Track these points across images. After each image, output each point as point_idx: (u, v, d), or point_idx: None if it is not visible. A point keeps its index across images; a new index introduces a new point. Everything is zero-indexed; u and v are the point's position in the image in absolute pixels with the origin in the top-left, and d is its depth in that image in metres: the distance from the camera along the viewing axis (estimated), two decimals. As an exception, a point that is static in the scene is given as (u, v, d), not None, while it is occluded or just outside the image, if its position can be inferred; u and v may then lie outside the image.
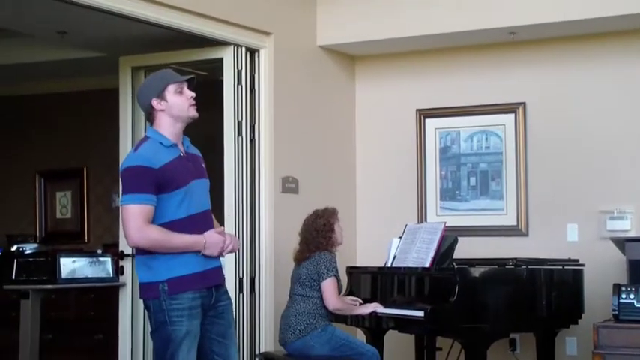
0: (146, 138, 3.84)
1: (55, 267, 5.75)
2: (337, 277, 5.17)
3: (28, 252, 6.73)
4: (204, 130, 4.50)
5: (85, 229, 7.98)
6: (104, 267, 6.05)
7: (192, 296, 3.73)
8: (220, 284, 3.91)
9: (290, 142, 6.13)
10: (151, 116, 3.85)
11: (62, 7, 4.98)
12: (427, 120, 6.62)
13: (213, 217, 4.03)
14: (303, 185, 6.22)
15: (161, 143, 3.77)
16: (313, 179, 6.31)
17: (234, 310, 4.22)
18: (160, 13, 5.26)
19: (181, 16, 5.39)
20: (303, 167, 6.25)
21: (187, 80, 3.88)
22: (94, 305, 6.68)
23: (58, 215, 8.11)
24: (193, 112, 3.84)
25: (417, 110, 6.65)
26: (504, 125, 6.38)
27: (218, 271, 3.89)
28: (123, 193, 3.73)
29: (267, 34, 5.99)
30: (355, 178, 6.85)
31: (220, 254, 3.86)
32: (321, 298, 5.12)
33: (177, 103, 3.80)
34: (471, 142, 6.50)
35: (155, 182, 3.68)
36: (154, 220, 3.71)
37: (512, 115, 6.34)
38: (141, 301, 5.96)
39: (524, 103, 6.31)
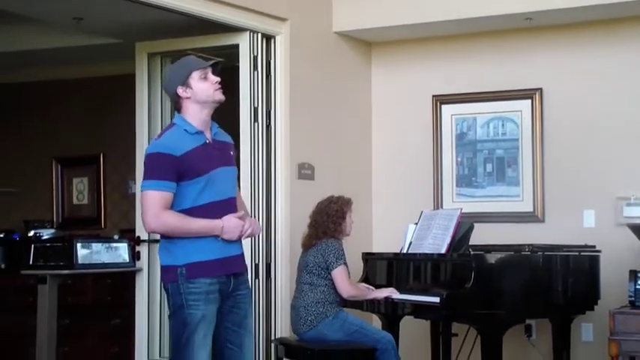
0: (172, 124, 3.87)
1: (72, 252, 5.77)
2: (346, 264, 5.17)
3: (45, 237, 6.75)
4: (220, 116, 4.51)
5: (102, 214, 8.00)
6: (121, 252, 6.07)
7: (209, 281, 3.75)
8: (240, 273, 3.92)
9: (306, 128, 6.13)
10: (177, 104, 3.87)
11: (78, -7, 5.00)
12: (443, 106, 6.61)
13: (243, 203, 4.07)
14: (319, 171, 6.22)
15: (186, 130, 3.80)
16: (329, 165, 6.31)
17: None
18: (175, -1, 5.27)
19: (197, 1, 5.39)
20: (319, 153, 6.25)
21: (212, 65, 3.88)
22: (111, 291, 6.70)
23: (75, 201, 8.13)
24: (220, 96, 3.86)
25: (433, 96, 6.63)
26: (521, 111, 6.35)
27: (238, 259, 3.90)
28: (143, 179, 3.76)
29: (283, 20, 5.98)
30: (371, 164, 6.85)
31: (239, 238, 3.86)
32: (329, 285, 5.12)
33: (203, 89, 3.82)
34: (487, 128, 6.48)
35: (176, 169, 3.71)
36: (174, 207, 3.73)
37: (529, 101, 6.32)
38: (157, 286, 6.10)
39: (540, 89, 6.28)
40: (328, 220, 5.20)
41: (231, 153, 3.98)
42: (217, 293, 3.79)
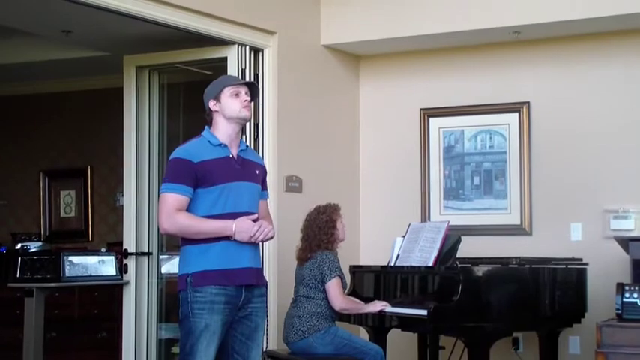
0: (199, 135, 4.03)
1: (59, 265, 5.75)
2: (341, 276, 5.17)
3: (32, 250, 6.72)
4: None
5: (89, 227, 7.99)
6: (108, 265, 6.05)
7: (215, 291, 3.83)
8: (253, 285, 3.96)
9: (294, 141, 6.14)
10: (209, 117, 4.03)
11: (67, 6, 5.00)
12: (431, 119, 6.63)
13: (269, 217, 4.15)
14: (307, 184, 6.22)
15: (209, 142, 3.95)
16: (317, 178, 6.32)
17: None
18: (164, 12, 5.28)
19: (186, 15, 5.40)
20: (307, 166, 6.26)
21: (248, 85, 4.04)
22: (98, 303, 6.69)
23: (63, 214, 8.12)
24: (244, 113, 3.99)
25: (421, 109, 6.65)
26: (508, 124, 6.38)
27: (250, 271, 3.94)
28: (162, 182, 3.93)
29: (271, 33, 5.99)
30: (359, 177, 6.86)
31: (250, 241, 3.90)
32: (326, 299, 5.12)
33: (230, 105, 3.97)
34: (474, 141, 6.50)
35: (193, 175, 3.85)
36: (190, 213, 3.86)
37: (517, 115, 6.34)
38: (144, 299, 6.09)
39: (528, 103, 6.31)
40: (320, 233, 5.20)
41: (257, 172, 4.07)
42: (223, 304, 3.84)
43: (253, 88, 4.08)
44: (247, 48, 5.87)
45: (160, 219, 3.89)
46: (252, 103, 4.12)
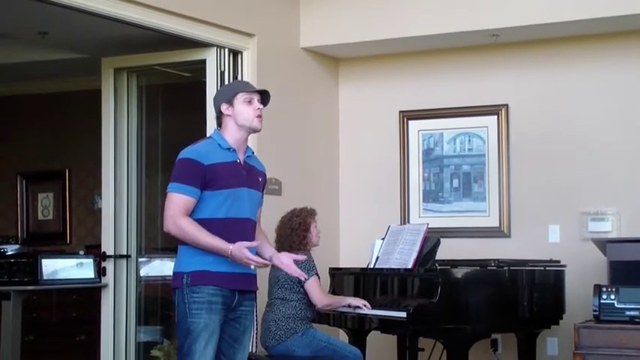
0: (208, 137, 4.04)
1: (37, 268, 5.72)
2: (317, 275, 5.16)
3: (9, 253, 6.66)
4: (188, 132, 4.52)
5: (67, 230, 7.94)
6: (86, 268, 6.02)
7: (212, 292, 3.84)
8: (246, 290, 3.97)
9: (273, 143, 6.12)
10: (219, 120, 4.03)
11: (43, 8, 4.96)
12: (410, 122, 6.64)
13: (262, 231, 4.17)
14: (286, 187, 6.21)
15: (219, 145, 3.94)
16: (296, 181, 6.31)
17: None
18: (142, 14, 5.25)
19: (164, 17, 5.38)
20: (286, 169, 6.25)
21: (260, 93, 4.04)
22: (76, 307, 6.65)
23: (40, 217, 8.07)
24: (257, 124, 4.02)
25: (400, 112, 6.66)
26: (487, 127, 6.40)
27: (246, 277, 3.95)
28: (170, 181, 3.89)
29: (250, 35, 5.99)
30: (338, 179, 6.86)
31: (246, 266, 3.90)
32: (301, 301, 5.12)
33: (243, 112, 3.98)
34: (453, 143, 6.52)
35: (201, 177, 3.84)
36: (194, 213, 3.85)
37: (495, 117, 6.37)
38: (123, 302, 6.06)
39: (506, 105, 6.34)
40: (292, 234, 5.20)
41: (260, 180, 4.09)
42: (220, 305, 3.85)
43: (265, 96, 4.07)
44: (226, 50, 5.85)
45: (165, 218, 3.86)
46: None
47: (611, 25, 5.83)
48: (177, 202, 3.83)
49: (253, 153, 4.14)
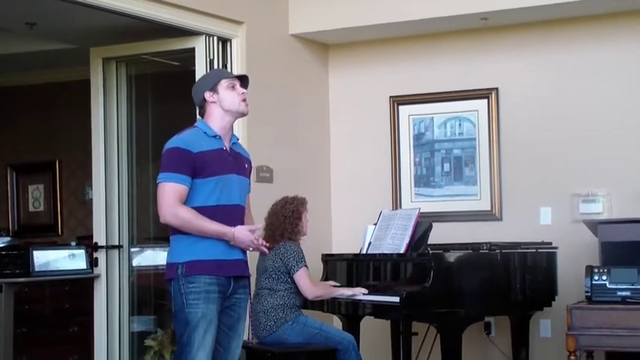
0: (193, 126, 4.03)
1: (29, 260, 5.72)
2: (306, 266, 5.16)
3: (0, 245, 6.67)
4: (178, 121, 4.50)
5: (59, 221, 7.92)
6: (78, 259, 6.02)
7: (209, 281, 3.85)
8: (241, 276, 3.99)
9: (264, 131, 6.11)
10: (202, 109, 4.05)
11: (31, -2, 4.95)
12: (400, 107, 6.64)
13: (250, 214, 4.18)
14: (278, 174, 6.21)
15: (205, 133, 3.96)
16: (287, 168, 6.31)
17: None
18: (130, 3, 5.24)
19: (152, 5, 5.36)
20: (277, 156, 6.24)
21: (240, 79, 4.07)
22: (69, 298, 6.63)
23: (31, 208, 8.05)
24: (244, 108, 4.05)
25: (391, 97, 6.66)
26: (477, 111, 6.40)
27: (240, 263, 3.98)
28: (160, 172, 3.89)
29: (239, 23, 5.96)
30: (329, 166, 6.86)
31: (246, 250, 3.98)
32: (289, 290, 5.11)
33: (228, 97, 4.01)
34: (444, 128, 6.52)
35: (191, 165, 3.85)
36: (185, 203, 3.85)
37: (485, 101, 6.37)
38: (116, 292, 6.05)
39: (496, 89, 6.34)
40: (285, 222, 5.19)
41: (246, 166, 4.11)
42: (217, 294, 3.87)
43: (245, 82, 4.10)
44: (215, 38, 5.83)
45: (161, 209, 3.85)
46: None
47: (600, 7, 5.83)
48: (171, 192, 3.83)
49: (238, 140, 4.15)
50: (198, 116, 4.12)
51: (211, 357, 3.87)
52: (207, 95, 4.01)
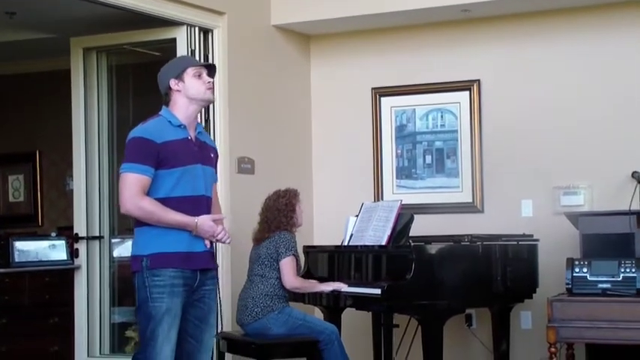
0: (157, 115, 3.95)
1: (9, 251, 5.69)
2: (296, 256, 5.18)
3: (-20, 236, 6.63)
4: (158, 111, 4.47)
5: (39, 212, 7.88)
6: (59, 250, 5.99)
7: (173, 274, 3.79)
8: (207, 269, 3.94)
9: (245, 122, 6.10)
10: (167, 97, 3.96)
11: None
12: (382, 98, 6.64)
13: (219, 206, 4.15)
14: (259, 165, 6.20)
15: (170, 122, 3.89)
16: (269, 159, 6.30)
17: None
18: (111, -8, 5.20)
19: (133, -5, 5.33)
20: (259, 147, 6.23)
21: (207, 68, 4.00)
22: (49, 289, 6.58)
23: (11, 199, 8.00)
24: (209, 95, 3.98)
25: (373, 89, 6.65)
26: (459, 103, 6.41)
27: (205, 255, 3.93)
28: (123, 162, 3.83)
29: (220, 13, 5.94)
30: (311, 157, 6.85)
31: (210, 241, 3.91)
32: (279, 278, 5.13)
33: (194, 86, 3.93)
34: (426, 120, 6.52)
35: (155, 155, 3.78)
36: (149, 193, 3.80)
37: (467, 93, 6.37)
38: (96, 283, 6.03)
39: (478, 81, 6.34)
40: (280, 215, 5.22)
41: (212, 155, 4.05)
42: (182, 287, 3.81)
43: (212, 71, 4.04)
44: (197, 29, 5.81)
45: (123, 199, 3.79)
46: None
47: (581, -1, 5.85)
48: (134, 182, 3.77)
49: (204, 129, 4.10)
50: (163, 105, 4.02)
51: (175, 351, 3.81)
52: (173, 83, 3.92)
